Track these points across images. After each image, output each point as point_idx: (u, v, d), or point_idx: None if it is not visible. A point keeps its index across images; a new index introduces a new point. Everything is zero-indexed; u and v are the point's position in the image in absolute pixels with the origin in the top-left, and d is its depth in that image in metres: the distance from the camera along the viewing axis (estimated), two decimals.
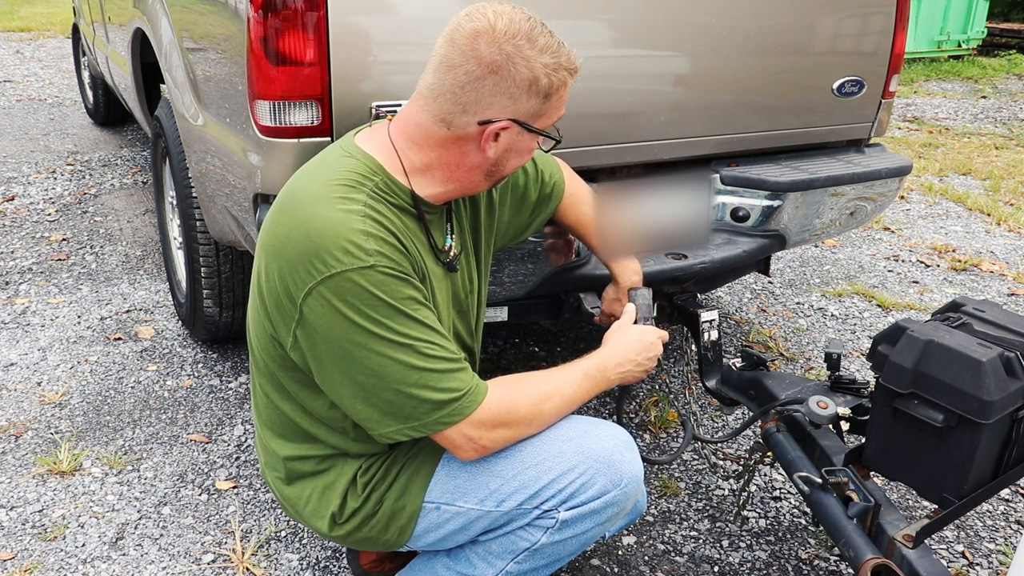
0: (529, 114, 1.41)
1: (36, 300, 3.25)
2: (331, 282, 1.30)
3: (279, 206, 1.42)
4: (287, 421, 1.53)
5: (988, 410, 1.47)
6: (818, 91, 2.43)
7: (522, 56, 1.35)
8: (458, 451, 1.43)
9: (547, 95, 1.39)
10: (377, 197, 1.40)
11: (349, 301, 1.31)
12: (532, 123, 1.42)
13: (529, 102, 1.39)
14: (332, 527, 1.54)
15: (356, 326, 1.32)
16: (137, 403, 2.58)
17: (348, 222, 1.33)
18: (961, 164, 5.76)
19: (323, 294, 1.31)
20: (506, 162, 1.47)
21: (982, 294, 3.68)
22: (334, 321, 1.32)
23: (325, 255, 1.30)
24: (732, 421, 2.62)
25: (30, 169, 4.96)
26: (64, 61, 8.53)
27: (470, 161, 1.44)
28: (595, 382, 1.54)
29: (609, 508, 1.47)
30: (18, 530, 2.03)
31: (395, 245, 1.37)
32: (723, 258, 2.28)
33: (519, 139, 1.43)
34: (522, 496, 1.45)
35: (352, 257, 1.31)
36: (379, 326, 1.32)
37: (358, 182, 1.39)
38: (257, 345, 1.51)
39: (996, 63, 10.22)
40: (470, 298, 1.67)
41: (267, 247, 1.40)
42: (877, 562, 1.52)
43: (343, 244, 1.31)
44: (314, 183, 1.41)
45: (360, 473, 1.52)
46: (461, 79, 1.36)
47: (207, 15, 2.15)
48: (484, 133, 1.40)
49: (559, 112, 1.45)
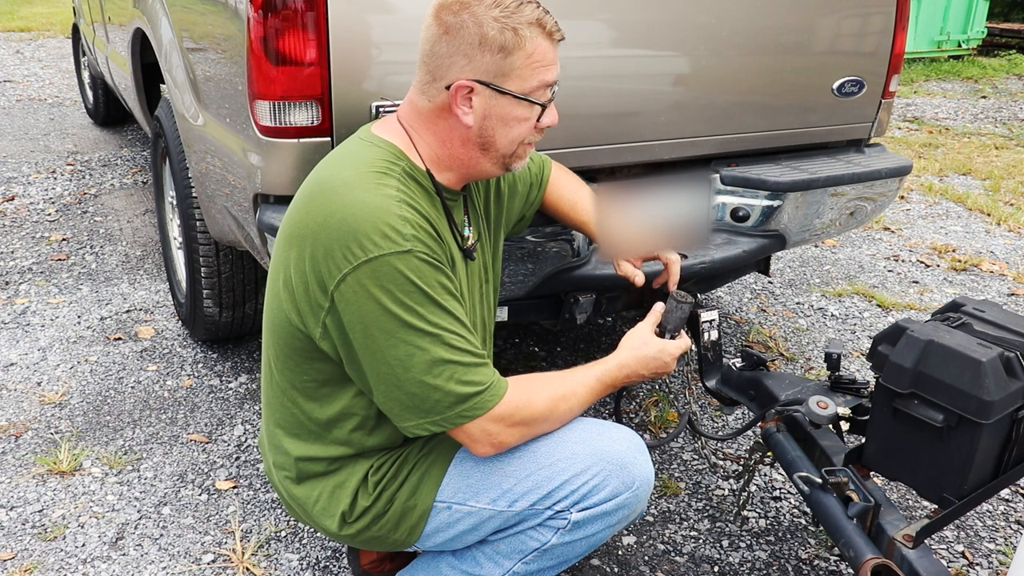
0: (491, 73, 1.40)
1: (36, 300, 3.25)
2: (367, 267, 1.30)
3: (308, 196, 1.42)
4: (303, 420, 1.53)
5: (988, 410, 1.47)
6: (818, 91, 2.43)
7: (470, 13, 1.37)
8: (476, 445, 1.42)
9: (503, 50, 1.38)
10: (405, 181, 1.41)
11: (385, 286, 1.31)
12: (500, 84, 1.40)
13: (484, 58, 1.38)
14: (342, 526, 1.54)
15: (388, 313, 1.31)
16: (137, 403, 2.58)
17: (386, 206, 1.33)
18: (961, 164, 5.76)
19: (359, 279, 1.31)
20: (493, 132, 1.44)
21: (982, 294, 3.68)
22: (368, 307, 1.32)
23: (363, 239, 1.30)
24: (732, 421, 2.62)
25: (30, 169, 4.96)
26: (64, 61, 8.53)
27: (457, 134, 1.45)
28: (605, 387, 1.54)
29: (621, 510, 1.47)
30: (18, 530, 2.03)
31: (429, 231, 1.38)
32: (723, 258, 2.28)
33: (495, 104, 1.42)
34: (535, 496, 1.45)
35: (390, 242, 1.30)
36: (411, 314, 1.32)
37: (387, 168, 1.41)
38: (277, 341, 1.50)
39: (996, 63, 10.22)
40: (485, 288, 1.68)
41: (297, 237, 1.39)
42: (877, 562, 1.52)
43: (382, 228, 1.31)
44: (343, 171, 1.41)
45: (372, 472, 1.52)
46: (426, 47, 1.42)
47: (207, 15, 2.15)
48: (453, 98, 1.41)
49: (536, 74, 1.42)
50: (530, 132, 1.48)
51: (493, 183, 1.73)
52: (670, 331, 1.66)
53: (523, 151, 1.51)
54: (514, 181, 1.79)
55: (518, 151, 1.50)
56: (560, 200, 1.89)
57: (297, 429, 1.55)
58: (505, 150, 1.48)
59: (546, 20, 1.41)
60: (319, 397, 1.50)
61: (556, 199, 1.89)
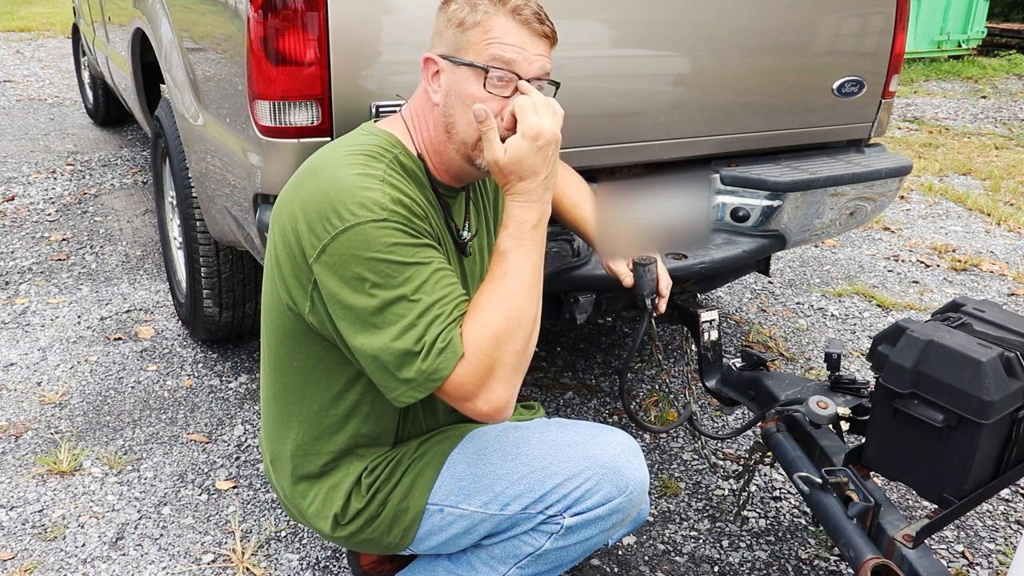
0: (452, 47, 1.41)
1: (36, 300, 3.25)
2: (344, 236, 1.30)
3: (297, 176, 1.44)
4: (297, 409, 1.53)
5: (988, 410, 1.47)
6: (818, 91, 2.43)
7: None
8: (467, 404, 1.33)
9: (462, 24, 1.39)
10: (395, 168, 1.41)
11: (359, 254, 1.30)
12: (455, 56, 1.40)
13: (447, 33, 1.41)
14: (335, 528, 1.54)
15: (362, 279, 1.30)
16: (137, 403, 2.58)
17: (367, 183, 1.34)
18: (961, 164, 5.76)
19: (337, 247, 1.31)
20: (453, 112, 1.41)
21: (982, 294, 3.68)
22: (345, 274, 1.31)
23: (341, 209, 1.31)
24: (732, 421, 2.62)
25: (30, 169, 4.96)
26: (64, 61, 8.53)
27: (432, 117, 1.45)
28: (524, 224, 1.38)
29: (614, 515, 1.46)
30: (18, 530, 2.03)
31: (412, 207, 1.36)
32: (723, 258, 2.28)
33: (454, 79, 1.41)
34: (527, 500, 1.45)
35: (367, 211, 1.30)
36: (385, 278, 1.30)
37: (378, 153, 1.41)
38: (272, 326, 1.50)
39: (996, 63, 10.23)
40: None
41: (284, 214, 1.40)
42: (877, 562, 1.52)
43: (360, 199, 1.31)
44: (333, 154, 1.42)
45: (365, 474, 1.52)
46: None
47: (207, 15, 2.15)
48: (425, 75, 1.44)
49: (489, 48, 1.37)
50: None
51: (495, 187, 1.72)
52: (647, 295, 1.71)
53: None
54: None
55: (480, 143, 1.41)
56: (562, 197, 1.89)
57: (294, 420, 1.54)
58: (464, 135, 1.42)
59: (515, 2, 1.38)
60: (312, 382, 1.50)
61: (559, 196, 1.89)
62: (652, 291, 1.78)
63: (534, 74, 1.40)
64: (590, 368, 2.90)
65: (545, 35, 1.41)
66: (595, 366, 2.91)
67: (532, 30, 1.39)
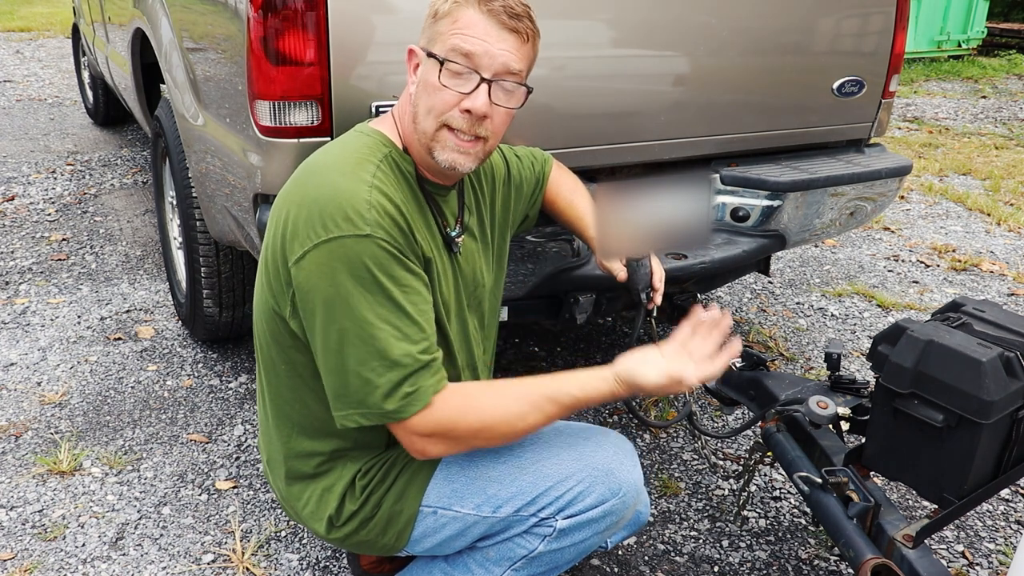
0: (426, 38, 1.43)
1: (36, 300, 3.25)
2: (326, 247, 1.31)
3: (292, 179, 1.44)
4: (289, 412, 1.53)
5: (988, 410, 1.47)
6: (818, 91, 2.43)
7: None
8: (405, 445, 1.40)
9: (435, 15, 1.42)
10: (386, 168, 1.41)
11: (335, 267, 1.31)
12: (427, 46, 1.42)
13: (426, 24, 1.44)
14: (330, 529, 1.54)
15: (336, 294, 1.31)
16: (137, 403, 2.58)
17: (355, 190, 1.34)
18: (961, 164, 5.76)
19: (317, 258, 1.31)
20: (419, 100, 1.42)
21: (982, 294, 3.68)
22: (319, 285, 1.32)
23: (327, 220, 1.31)
24: (732, 421, 2.62)
25: (30, 169, 4.96)
26: (64, 61, 8.53)
27: (410, 109, 1.45)
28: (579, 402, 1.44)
29: (607, 517, 1.46)
30: (18, 530, 2.03)
31: (396, 220, 1.36)
32: (723, 258, 2.28)
33: (424, 69, 1.42)
34: (519, 503, 1.45)
35: (351, 224, 1.31)
36: (357, 299, 1.31)
37: (369, 154, 1.42)
38: (262, 330, 1.51)
39: (996, 63, 10.22)
40: (481, 291, 1.67)
41: (276, 217, 1.41)
42: (877, 562, 1.52)
43: (346, 210, 1.32)
44: (327, 156, 1.43)
45: (359, 476, 1.52)
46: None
47: (207, 15, 2.15)
48: (410, 64, 1.46)
49: (452, 39, 1.37)
50: (448, 108, 1.39)
51: (500, 183, 1.72)
52: (641, 289, 1.71)
53: (447, 138, 1.40)
54: (520, 181, 1.79)
55: (439, 134, 1.40)
56: (557, 197, 1.89)
57: (286, 421, 1.54)
58: (424, 124, 1.41)
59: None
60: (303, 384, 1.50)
61: (554, 196, 1.89)
62: (647, 285, 1.78)
63: (496, 69, 1.38)
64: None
65: (515, 30, 1.39)
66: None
67: (499, 22, 1.38)
